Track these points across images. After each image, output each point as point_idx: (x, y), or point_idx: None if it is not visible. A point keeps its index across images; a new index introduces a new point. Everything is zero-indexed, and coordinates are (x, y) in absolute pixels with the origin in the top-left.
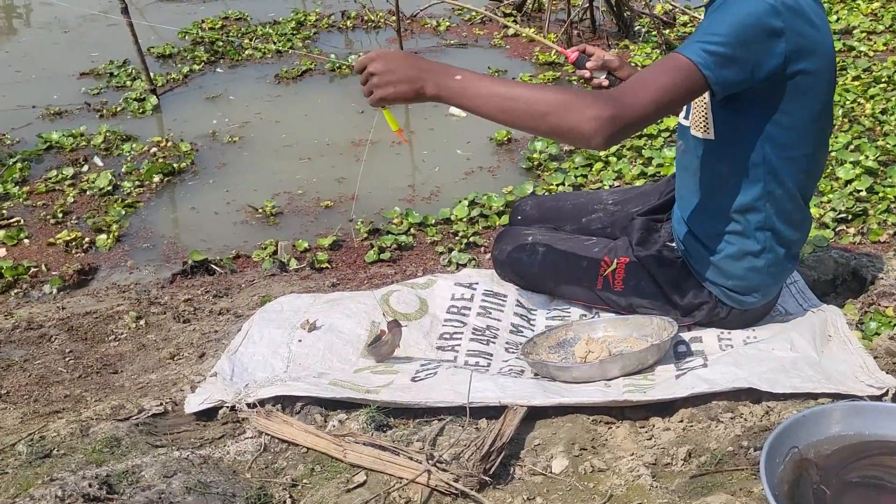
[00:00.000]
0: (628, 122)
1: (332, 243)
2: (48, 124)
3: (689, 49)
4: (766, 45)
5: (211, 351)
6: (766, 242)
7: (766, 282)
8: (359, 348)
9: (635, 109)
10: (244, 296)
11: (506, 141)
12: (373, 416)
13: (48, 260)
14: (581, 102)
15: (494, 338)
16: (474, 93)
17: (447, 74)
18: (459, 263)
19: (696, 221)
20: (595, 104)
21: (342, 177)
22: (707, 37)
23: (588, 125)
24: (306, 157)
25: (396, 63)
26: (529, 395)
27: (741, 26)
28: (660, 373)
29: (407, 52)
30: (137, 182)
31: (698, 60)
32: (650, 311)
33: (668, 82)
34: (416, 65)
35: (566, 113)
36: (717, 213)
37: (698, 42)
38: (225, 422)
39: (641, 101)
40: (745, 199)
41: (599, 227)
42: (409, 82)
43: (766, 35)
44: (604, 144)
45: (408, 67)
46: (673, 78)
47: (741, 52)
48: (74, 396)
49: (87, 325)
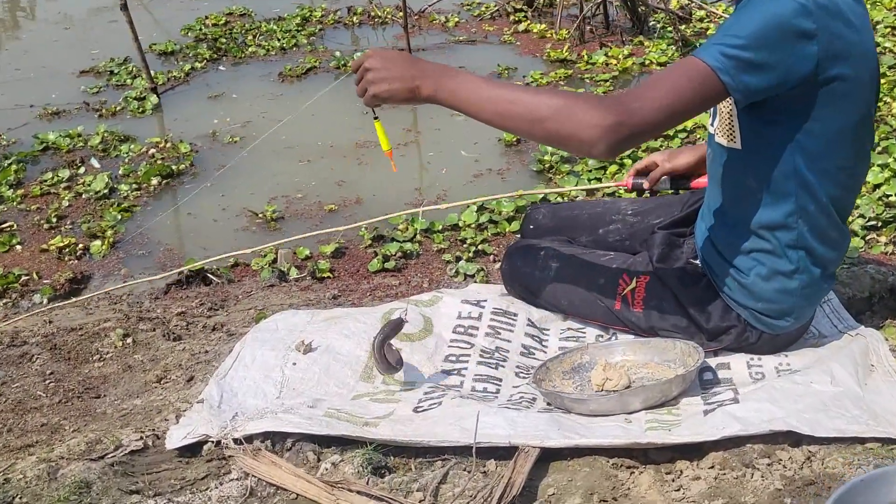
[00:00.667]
0: (635, 130)
1: (335, 250)
2: (45, 124)
3: (706, 52)
4: (794, 49)
5: (200, 374)
6: (799, 262)
7: (799, 304)
8: (357, 370)
9: (643, 116)
10: (240, 309)
11: (515, 142)
12: (369, 457)
13: (40, 267)
14: (582, 107)
15: (504, 361)
16: (471, 95)
17: (444, 75)
18: (467, 274)
19: (720, 237)
20: (597, 109)
21: (343, 180)
22: (727, 39)
23: (589, 132)
24: (308, 159)
25: (393, 61)
26: (542, 434)
27: (766, 28)
28: (685, 406)
29: (405, 53)
30: (135, 185)
31: (716, 65)
32: (673, 335)
33: (681, 87)
34: (413, 64)
35: (566, 119)
36: (744, 229)
37: (717, 44)
38: (210, 459)
39: (650, 108)
40: (774, 215)
41: (618, 240)
42: (404, 81)
43: (795, 37)
44: (607, 153)
45: (404, 66)
46: (687, 83)
47: (765, 56)
48: (52, 426)
49: (71, 343)
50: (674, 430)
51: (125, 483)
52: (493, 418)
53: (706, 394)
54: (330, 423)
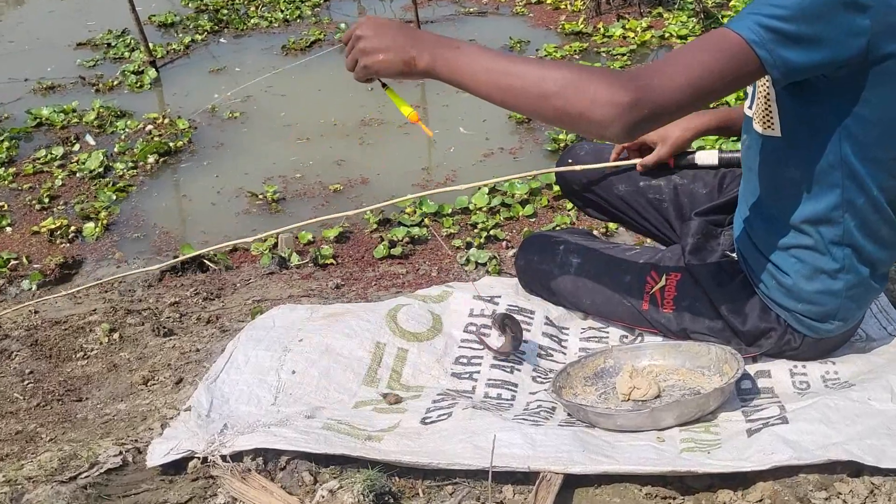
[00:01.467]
0: (655, 109)
1: (339, 235)
2: (40, 99)
3: (741, 23)
4: (843, 22)
5: (189, 376)
6: (844, 261)
7: (845, 306)
8: (360, 374)
9: (665, 94)
10: (237, 299)
11: (526, 119)
12: (371, 482)
13: (30, 251)
14: (595, 82)
15: (520, 364)
16: (472, 67)
17: (442, 45)
18: (479, 262)
19: (758, 232)
20: (612, 85)
21: (347, 159)
22: (766, 8)
23: (602, 111)
24: (310, 138)
25: (386, 29)
26: (566, 457)
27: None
28: (725, 424)
29: (400, 21)
30: (131, 163)
31: (751, 37)
32: (707, 338)
33: (709, 62)
34: (409, 33)
35: (575, 95)
36: (784, 223)
37: (753, 14)
38: (195, 477)
39: (674, 84)
40: (817, 209)
41: (656, 198)
42: (398, 51)
43: (844, 9)
44: (623, 135)
45: (399, 35)
46: (717, 57)
47: (809, 28)
48: (27, 433)
49: (53, 339)
50: (713, 453)
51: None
52: (509, 435)
53: (747, 407)
54: (328, 439)
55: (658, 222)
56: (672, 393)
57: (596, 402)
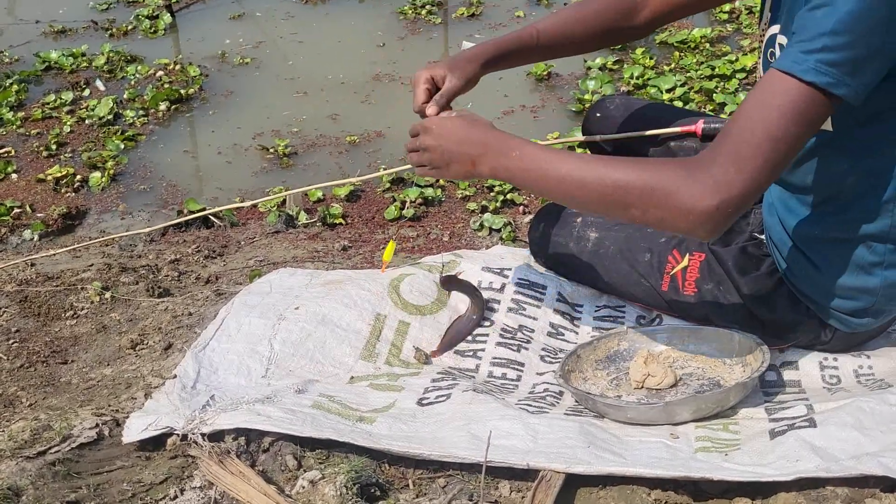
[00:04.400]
0: (740, 205)
1: (350, 193)
2: (51, 42)
3: (798, 64)
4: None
5: (179, 342)
6: (884, 255)
7: (882, 302)
8: (358, 347)
9: (746, 186)
10: (239, 258)
11: (546, 76)
12: (357, 474)
13: (35, 199)
14: (671, 188)
15: (527, 342)
16: (535, 175)
17: (503, 154)
18: (493, 228)
19: (791, 217)
20: (691, 189)
21: (359, 112)
22: (820, 40)
23: (685, 221)
24: (324, 89)
25: (451, 141)
26: (569, 453)
27: (863, 8)
28: (745, 422)
29: (464, 121)
30: (142, 111)
31: (825, 80)
32: (730, 325)
33: (784, 125)
34: (472, 141)
35: (654, 205)
36: (822, 212)
37: (810, 53)
38: (174, 455)
39: (753, 170)
40: (865, 202)
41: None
42: (462, 163)
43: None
44: (712, 236)
45: (462, 145)
46: (790, 116)
47: (874, 41)
48: (6, 397)
49: (44, 296)
50: (731, 456)
51: (64, 489)
52: (510, 424)
53: (771, 404)
54: (316, 420)
55: None
56: (689, 383)
57: (607, 388)
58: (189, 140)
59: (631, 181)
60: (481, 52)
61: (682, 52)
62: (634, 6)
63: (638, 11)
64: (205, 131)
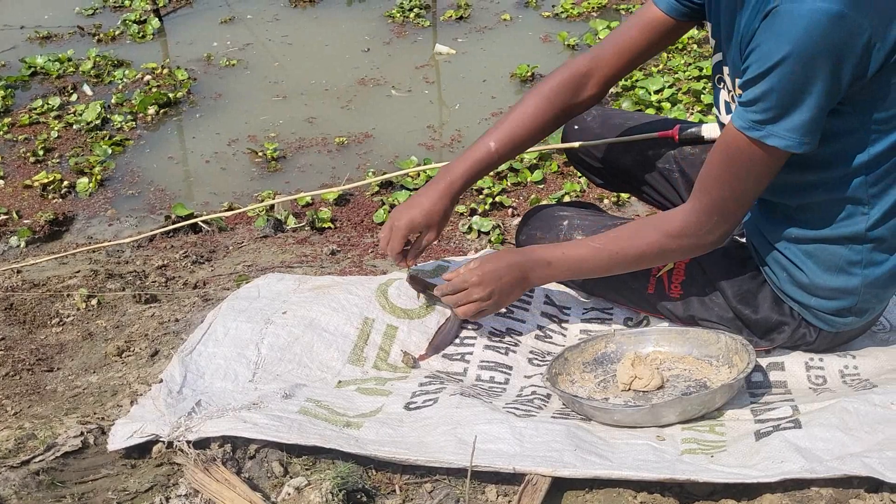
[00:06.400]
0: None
1: (338, 197)
2: (36, 48)
3: (775, 137)
4: (852, 60)
5: (166, 348)
6: (862, 254)
7: (864, 300)
8: (345, 351)
9: (730, 227)
10: (227, 264)
11: (529, 77)
12: (342, 480)
13: (22, 206)
14: (676, 246)
15: (515, 345)
16: (571, 273)
17: (536, 270)
18: (481, 231)
19: (767, 222)
20: (688, 241)
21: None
22: (783, 110)
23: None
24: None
25: (498, 281)
26: (556, 457)
27: (815, 64)
28: (731, 423)
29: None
30: (130, 116)
31: (788, 144)
32: (716, 326)
33: (755, 179)
34: (512, 272)
35: (664, 259)
36: (796, 216)
37: (774, 123)
38: (160, 463)
39: (734, 218)
40: (836, 208)
41: (666, 168)
42: (515, 292)
43: (847, 51)
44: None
45: (507, 281)
46: (761, 173)
47: (829, 91)
48: None
49: (30, 303)
50: (717, 457)
51: (48, 498)
52: (497, 428)
53: (757, 404)
54: (302, 426)
55: (669, 193)
56: (676, 384)
57: (594, 390)
58: (177, 144)
59: (645, 247)
60: (451, 187)
61: (669, 53)
62: (583, 80)
63: (586, 84)
64: (193, 135)
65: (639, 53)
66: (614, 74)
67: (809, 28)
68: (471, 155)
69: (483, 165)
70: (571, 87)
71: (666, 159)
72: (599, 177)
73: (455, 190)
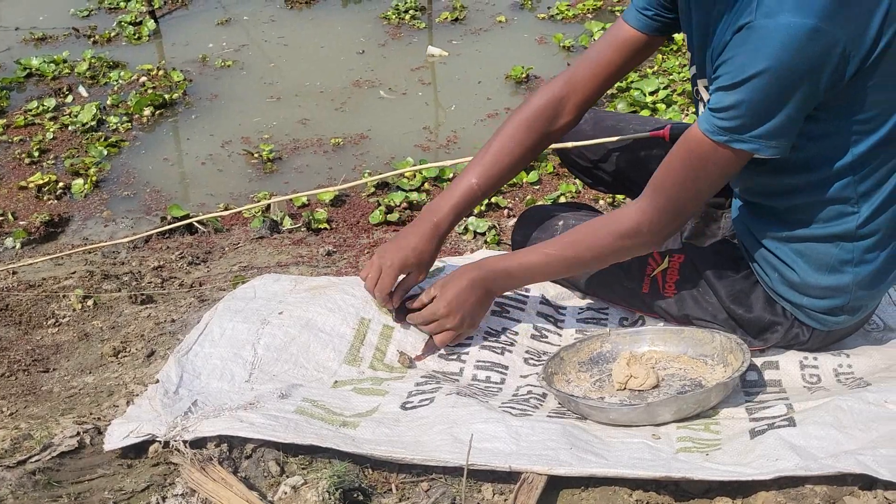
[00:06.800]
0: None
1: (334, 198)
2: (31, 49)
3: (725, 135)
4: (828, 71)
5: (162, 349)
6: (853, 253)
7: (857, 298)
8: (342, 352)
9: (684, 220)
10: (223, 265)
11: (524, 78)
12: (338, 479)
13: (17, 207)
14: (631, 248)
15: (511, 345)
16: (531, 279)
17: (502, 278)
18: (477, 232)
19: (756, 222)
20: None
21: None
22: (752, 118)
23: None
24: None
25: (460, 303)
26: (551, 455)
27: (789, 77)
28: (726, 422)
29: (455, 283)
30: (125, 117)
31: (753, 148)
32: (711, 325)
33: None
34: (475, 290)
35: (621, 259)
36: (785, 217)
37: (746, 133)
38: (156, 463)
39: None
40: (824, 209)
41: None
42: (481, 311)
43: (823, 63)
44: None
45: (470, 300)
46: (722, 173)
47: (798, 101)
48: None
49: (25, 304)
50: (712, 455)
51: (45, 498)
52: (493, 427)
53: (752, 403)
54: (298, 426)
55: None
56: (671, 383)
57: (590, 389)
58: (173, 145)
59: (603, 247)
60: (438, 229)
61: (664, 54)
62: (559, 107)
63: (562, 110)
64: (189, 136)
65: (613, 73)
66: (590, 97)
67: (785, 43)
68: (454, 193)
69: (467, 203)
70: (548, 115)
71: (659, 160)
72: (593, 179)
73: (442, 231)
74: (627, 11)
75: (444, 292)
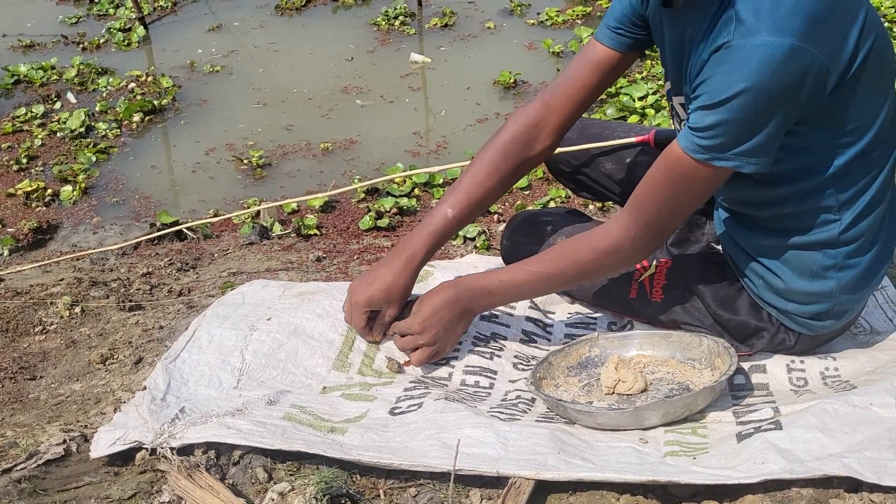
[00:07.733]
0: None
1: (324, 204)
2: (20, 56)
3: (708, 151)
4: (807, 88)
5: (150, 356)
6: (836, 258)
7: (842, 303)
8: (330, 358)
9: (661, 243)
10: (212, 271)
11: (512, 84)
12: (326, 485)
13: (5, 214)
14: (613, 265)
15: (500, 350)
16: (512, 297)
17: (480, 300)
18: (467, 237)
19: (739, 229)
20: (625, 263)
21: (331, 123)
22: (731, 136)
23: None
24: (296, 100)
25: (437, 324)
26: (539, 460)
27: (765, 99)
28: (713, 426)
29: (431, 304)
30: (114, 123)
31: (734, 165)
32: (698, 330)
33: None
34: (451, 311)
35: (602, 276)
36: (768, 225)
37: (727, 151)
38: (143, 470)
39: (670, 228)
40: (807, 217)
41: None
42: (457, 329)
43: (802, 81)
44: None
45: (448, 320)
46: (703, 189)
47: (783, 119)
48: None
49: (12, 311)
50: (699, 459)
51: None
52: (481, 432)
53: (739, 407)
54: (286, 432)
55: None
56: (659, 387)
57: (578, 394)
58: (162, 151)
59: (586, 263)
60: (412, 261)
61: (653, 60)
62: (535, 132)
63: (539, 135)
64: (178, 142)
65: (589, 95)
66: (567, 120)
67: (764, 63)
68: (428, 225)
69: (442, 234)
70: (524, 140)
71: (644, 166)
72: (579, 186)
73: (416, 264)
74: (599, 31)
75: (420, 308)
